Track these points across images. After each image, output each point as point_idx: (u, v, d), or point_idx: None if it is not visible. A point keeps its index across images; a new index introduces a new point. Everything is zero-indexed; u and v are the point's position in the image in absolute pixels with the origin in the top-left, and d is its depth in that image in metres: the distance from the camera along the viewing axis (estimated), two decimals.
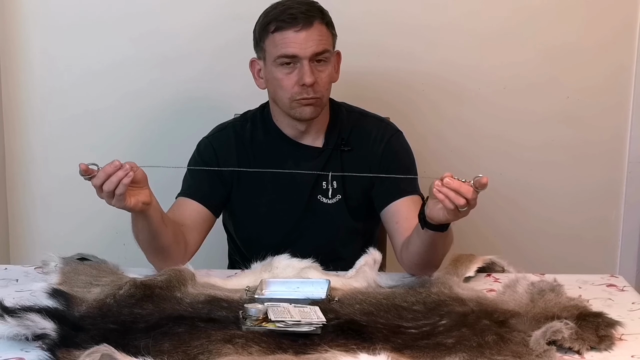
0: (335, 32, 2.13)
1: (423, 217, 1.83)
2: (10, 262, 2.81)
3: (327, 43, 2.09)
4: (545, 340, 1.53)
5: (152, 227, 1.92)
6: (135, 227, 1.94)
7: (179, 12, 2.73)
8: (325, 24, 2.09)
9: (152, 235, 1.93)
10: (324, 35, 2.08)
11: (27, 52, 2.75)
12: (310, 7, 2.08)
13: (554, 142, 2.86)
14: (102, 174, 1.79)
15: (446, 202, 1.72)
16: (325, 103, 2.13)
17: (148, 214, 1.88)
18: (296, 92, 2.06)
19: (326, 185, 2.17)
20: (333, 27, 2.12)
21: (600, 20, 2.79)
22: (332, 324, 1.60)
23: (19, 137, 2.80)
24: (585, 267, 2.70)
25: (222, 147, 2.18)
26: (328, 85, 2.11)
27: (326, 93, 2.11)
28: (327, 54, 2.08)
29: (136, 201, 1.83)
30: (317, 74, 2.06)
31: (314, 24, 2.05)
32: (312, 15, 2.06)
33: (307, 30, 2.04)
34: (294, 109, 2.09)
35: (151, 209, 1.88)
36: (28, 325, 1.57)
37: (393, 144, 2.19)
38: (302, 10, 2.05)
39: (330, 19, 2.12)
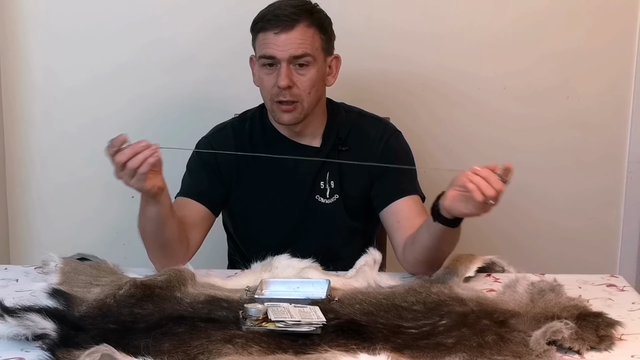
0: (328, 36, 2.11)
1: (437, 209, 1.84)
2: (10, 262, 2.81)
3: (310, 47, 2.06)
4: (545, 340, 1.53)
5: (161, 215, 1.92)
6: (144, 216, 1.94)
7: (180, 18, 2.73)
8: (316, 26, 2.07)
9: (160, 225, 1.94)
10: (307, 38, 2.05)
11: (27, 56, 2.75)
12: (297, 9, 2.06)
13: (554, 143, 2.86)
14: (129, 150, 1.80)
15: (477, 193, 1.72)
16: (309, 108, 2.10)
17: (160, 200, 1.89)
18: (274, 94, 2.07)
19: (324, 185, 2.17)
20: (325, 30, 2.10)
21: (601, 24, 2.79)
22: (332, 324, 1.60)
23: (19, 137, 2.80)
24: (585, 268, 2.69)
25: (221, 146, 2.18)
26: (310, 89, 2.08)
27: (308, 97, 2.08)
28: (308, 57, 2.06)
29: (153, 184, 1.84)
30: (297, 77, 2.05)
31: (297, 26, 2.04)
32: (295, 19, 2.04)
33: (286, 33, 2.03)
34: (274, 112, 2.10)
35: (163, 195, 1.90)
36: (28, 325, 1.57)
37: (392, 143, 2.19)
38: (287, 13, 2.04)
39: (324, 21, 2.10)
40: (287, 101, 2.06)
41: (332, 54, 2.15)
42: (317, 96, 2.11)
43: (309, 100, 2.09)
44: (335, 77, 2.17)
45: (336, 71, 2.17)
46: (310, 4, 2.11)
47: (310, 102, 2.09)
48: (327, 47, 2.12)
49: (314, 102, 2.11)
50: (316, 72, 2.08)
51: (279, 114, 2.09)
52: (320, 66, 2.10)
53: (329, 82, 2.16)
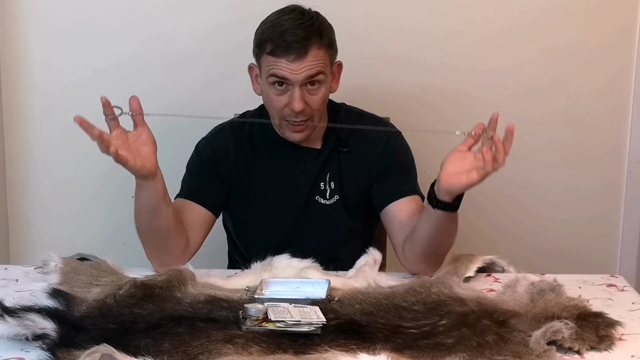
0: (334, 50, 2.09)
1: (434, 196, 1.85)
2: (10, 262, 2.81)
3: (323, 64, 2.04)
4: (545, 340, 1.53)
5: (155, 201, 1.92)
6: (138, 204, 1.95)
7: (179, 16, 2.73)
8: (326, 46, 2.04)
9: (153, 210, 1.94)
10: (320, 58, 2.03)
11: (27, 54, 2.75)
12: (307, 32, 2.01)
13: (555, 142, 2.86)
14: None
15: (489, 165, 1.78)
16: (318, 121, 2.10)
17: (152, 185, 1.90)
18: (286, 114, 2.06)
19: (324, 186, 2.17)
20: (332, 45, 2.08)
21: (601, 22, 2.79)
22: (332, 324, 1.60)
23: (19, 137, 2.80)
24: (585, 267, 2.69)
25: (221, 147, 2.18)
26: (321, 106, 2.08)
27: (318, 113, 2.08)
28: (321, 75, 2.04)
29: (142, 164, 1.85)
30: (309, 97, 2.04)
31: (309, 52, 2.01)
32: (307, 45, 2.00)
33: (301, 60, 2.00)
34: (283, 129, 2.10)
35: (156, 180, 1.90)
36: (28, 325, 1.57)
37: (392, 144, 2.19)
38: (298, 39, 2.00)
39: (330, 37, 2.07)
40: (299, 122, 2.06)
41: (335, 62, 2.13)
42: (325, 108, 2.12)
43: (319, 115, 2.09)
44: (338, 83, 2.16)
45: (338, 76, 2.16)
46: (316, 21, 2.06)
47: (320, 116, 2.10)
48: (333, 60, 2.11)
49: (322, 114, 2.12)
50: (326, 89, 2.07)
51: (289, 132, 2.09)
52: (329, 80, 2.09)
53: (333, 89, 2.14)
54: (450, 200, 1.85)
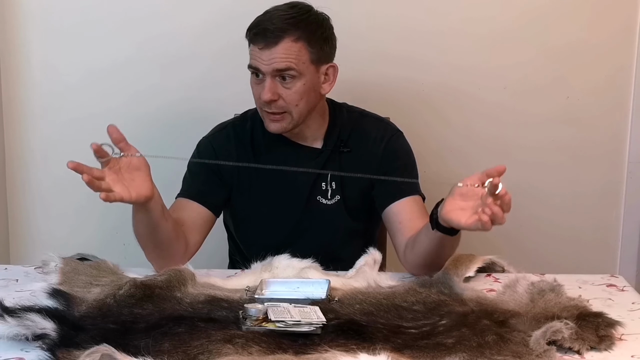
0: (318, 47, 2.06)
1: (436, 218, 1.82)
2: (10, 262, 2.81)
3: (295, 61, 2.03)
4: (545, 340, 1.53)
5: (152, 221, 1.91)
6: (135, 219, 1.94)
7: (179, 15, 2.73)
8: (303, 40, 2.03)
9: (152, 228, 1.93)
10: (292, 53, 2.02)
11: (27, 54, 2.75)
12: (286, 22, 2.02)
13: (554, 142, 2.86)
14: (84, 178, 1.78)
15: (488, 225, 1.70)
16: (299, 117, 2.09)
17: (149, 207, 1.88)
18: (262, 104, 2.08)
19: (325, 186, 2.17)
20: (314, 43, 2.06)
21: (601, 21, 2.79)
22: (332, 324, 1.60)
23: (19, 137, 2.80)
24: (585, 267, 2.70)
25: (222, 146, 2.18)
26: (297, 101, 2.06)
27: (296, 109, 2.07)
28: (292, 71, 2.03)
29: (138, 195, 1.82)
30: (282, 90, 2.05)
31: (280, 43, 2.01)
32: (279, 35, 2.01)
33: (269, 49, 2.01)
34: (264, 120, 2.11)
35: (153, 202, 1.87)
36: (28, 325, 1.57)
37: (393, 144, 2.19)
38: (273, 28, 2.01)
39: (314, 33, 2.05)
40: (272, 113, 2.07)
41: (329, 62, 2.12)
42: (308, 106, 2.10)
43: (298, 110, 2.08)
44: (332, 85, 2.14)
45: (333, 79, 2.14)
46: (303, 14, 2.06)
47: (300, 112, 2.08)
48: (319, 57, 2.08)
49: (304, 112, 2.10)
50: (303, 84, 2.06)
51: (267, 122, 2.10)
52: (310, 78, 2.07)
53: (325, 90, 2.13)
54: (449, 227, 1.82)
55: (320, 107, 2.16)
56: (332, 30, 2.12)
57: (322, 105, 2.17)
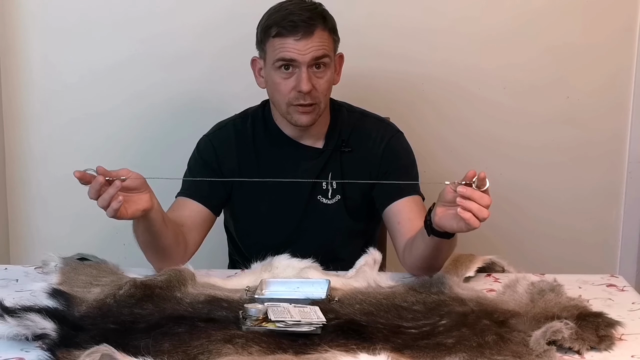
0: (337, 37, 2.12)
1: (429, 223, 1.81)
2: (10, 262, 2.81)
3: (328, 48, 2.07)
4: (545, 340, 1.53)
5: (153, 230, 1.91)
6: (136, 230, 1.93)
7: (179, 14, 2.73)
8: (328, 30, 2.07)
9: (153, 237, 1.93)
10: (325, 40, 2.06)
11: (27, 54, 2.75)
12: (312, 13, 2.06)
13: (554, 142, 2.86)
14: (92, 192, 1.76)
15: (473, 220, 1.68)
16: (324, 108, 2.11)
17: (149, 217, 1.87)
18: (293, 98, 2.06)
19: (326, 185, 2.17)
20: (335, 32, 2.11)
21: (601, 21, 2.79)
22: (332, 324, 1.60)
23: (19, 137, 2.80)
24: (585, 267, 2.70)
25: (222, 145, 2.18)
26: (327, 91, 2.09)
27: (324, 99, 2.09)
28: (327, 58, 2.07)
29: (135, 210, 1.81)
30: (315, 80, 2.06)
31: (315, 32, 2.04)
32: (313, 24, 2.04)
33: (307, 39, 2.03)
34: (290, 114, 2.09)
35: (152, 212, 1.86)
36: (28, 325, 1.57)
37: (393, 144, 2.19)
38: (304, 18, 2.03)
39: (333, 23, 2.11)
40: (306, 105, 2.06)
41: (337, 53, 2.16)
42: (329, 96, 2.13)
43: (325, 101, 2.10)
44: (340, 75, 2.18)
45: (340, 69, 2.17)
46: (319, 7, 2.10)
47: (325, 102, 2.11)
48: (336, 47, 2.13)
49: (327, 102, 2.13)
50: (331, 73, 2.10)
51: (297, 116, 2.08)
52: (333, 68, 2.11)
53: (335, 81, 2.16)
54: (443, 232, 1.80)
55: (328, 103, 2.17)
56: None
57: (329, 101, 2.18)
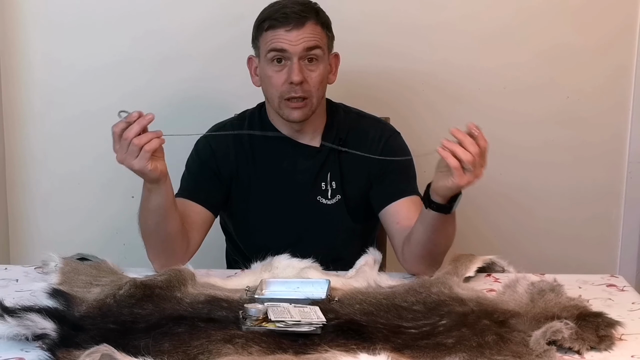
0: (331, 34, 2.13)
1: (428, 196, 1.83)
2: (10, 262, 2.81)
3: (320, 41, 2.08)
4: (545, 340, 1.53)
5: (165, 205, 1.92)
6: (146, 209, 1.93)
7: (177, 12, 2.73)
8: (320, 24, 2.09)
9: (163, 216, 1.93)
10: (317, 34, 2.08)
11: (26, 52, 2.75)
12: (305, 7, 2.08)
13: (554, 142, 2.86)
14: (137, 126, 1.80)
15: (450, 159, 1.71)
16: (317, 104, 2.11)
17: (163, 189, 1.89)
18: (285, 91, 2.07)
19: (325, 186, 2.17)
20: (329, 29, 2.12)
21: (600, 20, 2.79)
22: (332, 324, 1.60)
23: (19, 136, 2.80)
24: (585, 267, 2.70)
25: (220, 146, 2.18)
26: (319, 85, 2.09)
27: (317, 93, 2.09)
28: (318, 50, 2.07)
29: (156, 166, 1.84)
30: (307, 73, 2.06)
31: (307, 23, 2.06)
32: (305, 16, 2.06)
33: (298, 30, 2.05)
34: (282, 109, 2.10)
35: (166, 183, 1.89)
36: (28, 325, 1.57)
37: (391, 144, 2.19)
38: (296, 10, 2.06)
39: (327, 20, 2.12)
40: (298, 97, 2.06)
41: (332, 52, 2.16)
42: (323, 93, 2.13)
43: (317, 96, 2.10)
44: (336, 75, 2.18)
45: (335, 69, 2.18)
46: (313, 3, 2.12)
47: (318, 98, 2.10)
48: (330, 44, 2.14)
49: (320, 99, 2.12)
50: (324, 68, 2.10)
51: (289, 111, 2.09)
52: (326, 63, 2.12)
53: (330, 80, 2.17)
54: (442, 202, 1.83)
55: (323, 102, 2.17)
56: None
57: (324, 100, 2.18)
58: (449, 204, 1.84)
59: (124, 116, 1.82)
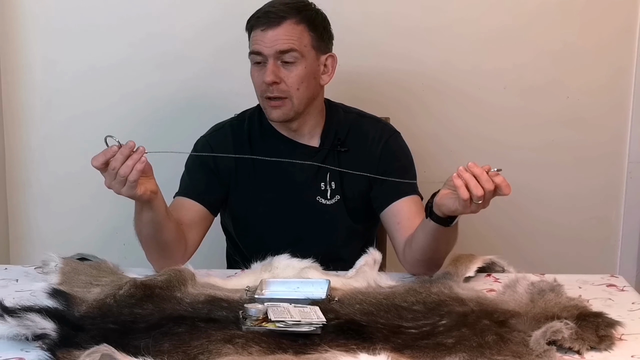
0: (319, 33, 2.11)
1: (430, 207, 1.83)
2: (10, 262, 2.81)
3: (297, 43, 2.06)
4: (545, 340, 1.53)
5: (158, 219, 1.92)
6: (140, 220, 1.94)
7: (177, 14, 2.73)
8: (305, 23, 2.08)
9: (157, 228, 1.93)
10: (294, 34, 2.06)
11: (27, 53, 2.75)
12: (287, 6, 2.08)
13: (554, 142, 2.86)
14: (120, 155, 1.78)
15: (462, 190, 1.71)
16: (299, 105, 2.10)
17: (154, 205, 1.88)
18: (263, 90, 2.09)
19: (324, 186, 2.17)
20: (315, 28, 2.10)
21: (600, 21, 2.79)
22: (332, 324, 1.60)
23: (19, 137, 2.80)
24: (585, 267, 2.70)
25: (220, 146, 2.18)
26: (298, 85, 2.08)
27: (297, 94, 2.08)
28: (294, 53, 2.06)
29: (145, 189, 1.83)
30: (284, 73, 2.07)
31: (283, 23, 2.05)
32: (282, 16, 2.05)
33: (272, 30, 2.05)
34: (265, 109, 2.12)
35: (157, 199, 1.89)
36: (28, 325, 1.57)
37: (391, 144, 2.19)
38: (274, 11, 2.06)
39: (316, 19, 2.10)
40: (275, 97, 2.07)
41: (327, 53, 2.15)
42: (307, 93, 2.11)
43: (298, 96, 2.09)
44: (331, 76, 2.17)
45: (332, 70, 2.16)
46: (303, 2, 2.12)
47: (300, 98, 2.09)
48: (319, 45, 2.12)
49: (304, 99, 2.11)
50: (304, 68, 2.08)
51: (269, 109, 2.11)
52: (310, 63, 2.10)
53: (324, 81, 2.15)
54: (443, 216, 1.83)
55: (318, 103, 2.16)
56: (329, 23, 2.15)
57: (320, 100, 2.17)
58: (450, 218, 1.84)
59: (111, 142, 1.81)
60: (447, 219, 1.83)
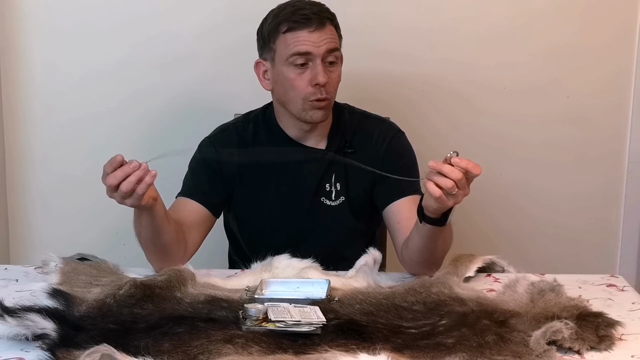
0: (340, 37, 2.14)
1: (421, 209, 1.84)
2: (10, 262, 2.81)
3: (338, 43, 2.10)
4: (545, 340, 1.53)
5: (156, 223, 1.91)
6: (139, 224, 1.94)
7: (179, 15, 2.73)
8: (334, 27, 2.10)
9: (156, 232, 1.93)
10: (335, 35, 2.09)
11: (27, 54, 2.75)
12: (321, 8, 2.09)
13: (554, 142, 2.86)
14: (120, 173, 1.77)
15: (430, 187, 1.72)
16: (332, 104, 2.13)
17: (154, 210, 1.88)
18: (310, 93, 2.06)
19: (329, 187, 2.17)
20: (340, 31, 2.13)
21: (601, 21, 2.79)
22: (332, 324, 1.60)
23: (19, 137, 2.80)
24: (585, 267, 2.70)
25: (224, 147, 2.17)
26: (336, 86, 2.11)
27: (334, 93, 2.11)
28: (338, 52, 2.10)
29: (147, 196, 1.83)
30: (329, 74, 2.07)
31: (327, 25, 2.07)
32: (325, 17, 2.07)
33: (320, 31, 2.05)
34: (306, 111, 2.08)
35: (157, 204, 1.88)
36: (28, 325, 1.57)
37: (395, 144, 2.19)
38: (315, 11, 2.06)
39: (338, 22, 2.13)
40: (322, 100, 2.07)
41: None
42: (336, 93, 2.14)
43: (334, 96, 2.12)
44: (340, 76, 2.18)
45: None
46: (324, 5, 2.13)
47: (334, 98, 2.13)
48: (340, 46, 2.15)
49: (335, 99, 2.14)
50: (341, 70, 2.12)
51: (313, 112, 2.08)
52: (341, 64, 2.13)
53: None
54: (434, 216, 1.83)
55: None
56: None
57: None
58: (443, 217, 1.83)
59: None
60: (440, 219, 1.83)
